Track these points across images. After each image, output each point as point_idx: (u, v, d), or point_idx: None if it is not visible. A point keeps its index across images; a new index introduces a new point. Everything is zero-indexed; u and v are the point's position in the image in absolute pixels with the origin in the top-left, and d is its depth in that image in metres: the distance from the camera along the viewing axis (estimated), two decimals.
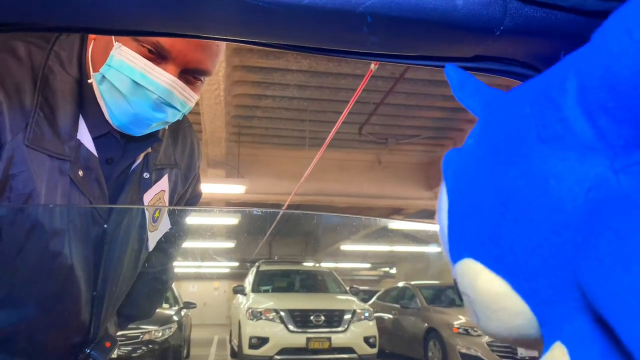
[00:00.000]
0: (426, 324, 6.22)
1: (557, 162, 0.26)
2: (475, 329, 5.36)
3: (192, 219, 1.15)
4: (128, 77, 0.74)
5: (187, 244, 1.12)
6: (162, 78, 0.74)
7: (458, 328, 5.52)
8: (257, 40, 0.45)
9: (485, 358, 5.35)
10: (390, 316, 7.25)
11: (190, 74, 0.77)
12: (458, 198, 0.32)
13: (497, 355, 5.19)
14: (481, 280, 0.30)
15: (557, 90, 0.26)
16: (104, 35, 0.74)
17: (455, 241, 0.33)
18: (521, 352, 5.19)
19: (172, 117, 0.80)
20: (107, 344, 0.87)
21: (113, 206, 0.84)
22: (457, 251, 0.32)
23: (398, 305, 7.18)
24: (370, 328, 5.82)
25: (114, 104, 0.77)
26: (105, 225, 0.83)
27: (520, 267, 0.28)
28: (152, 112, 0.76)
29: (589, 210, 0.24)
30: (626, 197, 0.22)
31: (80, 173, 0.78)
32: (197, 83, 0.80)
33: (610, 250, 0.21)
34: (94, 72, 0.77)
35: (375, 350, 5.77)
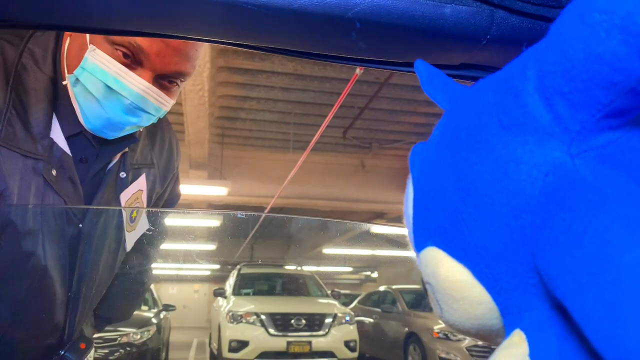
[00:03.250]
0: (407, 328, 6.25)
1: (516, 147, 0.26)
2: (455, 334, 5.40)
3: (173, 220, 1.14)
4: (101, 81, 0.72)
5: (167, 246, 1.10)
6: (136, 84, 0.73)
7: (438, 333, 5.56)
8: (243, 43, 0.44)
9: None
10: (371, 320, 7.26)
11: (166, 79, 0.76)
12: (422, 187, 0.33)
13: None
14: (443, 268, 0.31)
15: (518, 78, 0.26)
16: (83, 33, 0.72)
17: (419, 230, 0.33)
18: None
19: (146, 121, 0.79)
20: (82, 346, 0.86)
21: (90, 207, 0.82)
22: (421, 240, 0.33)
23: (379, 309, 7.20)
24: (351, 332, 5.82)
25: (87, 107, 0.75)
26: (81, 225, 0.81)
27: (480, 253, 0.28)
28: (125, 117, 0.75)
29: (546, 194, 0.24)
30: (581, 180, 0.23)
31: (54, 172, 0.76)
32: (174, 87, 0.79)
33: (564, 230, 0.22)
34: (68, 73, 0.76)
35: (355, 355, 5.77)
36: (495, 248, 0.27)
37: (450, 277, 0.30)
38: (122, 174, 0.86)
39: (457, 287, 0.30)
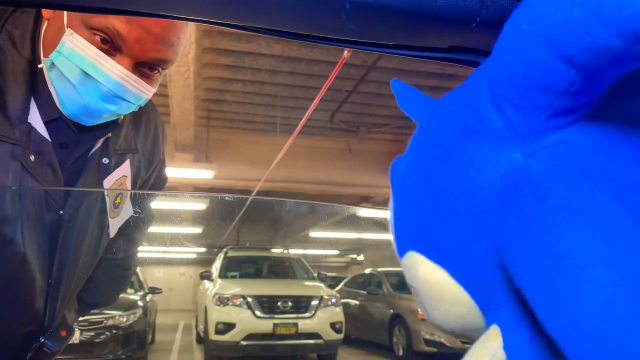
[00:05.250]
0: (392, 310, 6.34)
1: (475, 152, 0.28)
2: None
3: (159, 204, 1.13)
4: (78, 66, 0.70)
5: (153, 229, 1.09)
6: (114, 71, 0.70)
7: (430, 324, 5.65)
8: (230, 22, 0.43)
9: (448, 343, 5.50)
10: (357, 302, 7.35)
11: (147, 66, 0.73)
12: (399, 197, 0.35)
13: (460, 341, 5.35)
14: (422, 271, 0.32)
15: (474, 90, 0.29)
16: (61, 10, 0.70)
17: (399, 236, 0.35)
18: None
19: (125, 109, 0.76)
20: (63, 333, 0.84)
21: (72, 189, 0.81)
22: (402, 246, 0.35)
23: (365, 292, 7.29)
24: (336, 314, 5.89)
25: (63, 93, 0.73)
26: (61, 212, 0.80)
27: (453, 254, 0.30)
28: (102, 104, 0.73)
29: (503, 193, 0.26)
30: (533, 178, 0.24)
31: (32, 158, 0.74)
32: (155, 75, 0.76)
33: (517, 225, 0.24)
34: (44, 56, 0.73)
35: (341, 336, 5.85)
36: (464, 248, 0.29)
37: (429, 279, 0.32)
38: (105, 160, 0.84)
39: (436, 288, 0.32)
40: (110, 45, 0.69)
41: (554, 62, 0.22)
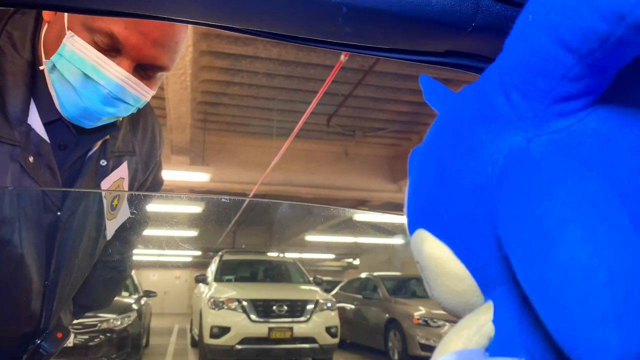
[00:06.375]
0: (387, 315, 6.33)
1: (482, 135, 0.30)
2: (434, 319, 5.50)
3: (154, 206, 1.12)
4: (79, 69, 0.70)
5: (148, 232, 1.09)
6: (114, 73, 0.71)
7: (418, 319, 5.65)
8: (227, 25, 0.44)
9: None
10: (353, 306, 7.33)
11: (147, 69, 0.74)
12: (414, 181, 0.37)
13: None
14: (426, 246, 0.34)
15: (487, 80, 0.31)
16: (60, 11, 0.70)
17: (411, 216, 0.37)
18: None
19: (125, 111, 0.77)
20: (59, 335, 0.84)
21: (70, 189, 0.81)
22: (413, 224, 0.37)
23: (360, 296, 7.27)
24: (332, 318, 5.87)
25: (63, 95, 0.73)
26: (59, 213, 0.79)
27: (456, 230, 0.32)
28: (102, 107, 0.73)
29: (504, 173, 0.28)
30: (533, 161, 0.26)
31: (31, 159, 0.74)
32: (154, 78, 0.76)
33: (515, 203, 0.25)
34: (45, 58, 0.73)
35: (336, 340, 5.83)
36: (467, 223, 0.31)
37: (432, 253, 0.34)
38: (103, 162, 0.84)
39: (438, 263, 0.34)
40: (111, 47, 0.70)
41: (553, 47, 0.24)
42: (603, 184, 0.23)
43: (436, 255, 0.33)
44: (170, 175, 6.29)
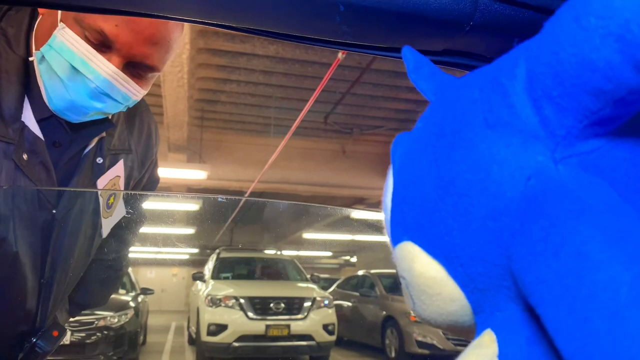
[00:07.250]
0: (384, 312, 6.34)
1: (500, 148, 0.25)
2: None
3: (151, 204, 1.12)
4: (67, 61, 0.69)
5: (145, 229, 1.09)
6: (103, 68, 0.70)
7: (415, 316, 5.66)
8: (224, 23, 0.43)
9: (440, 345, 5.51)
10: (350, 304, 7.35)
11: (139, 68, 0.73)
12: (402, 181, 0.32)
13: (452, 343, 5.36)
14: (418, 264, 0.30)
15: (507, 76, 0.26)
16: (55, 9, 0.69)
17: (396, 223, 0.33)
18: None
19: (113, 108, 0.76)
20: (55, 333, 0.84)
21: (66, 189, 0.80)
22: (398, 234, 0.32)
23: (357, 294, 7.29)
24: (329, 316, 5.88)
25: (51, 87, 0.72)
26: (54, 211, 0.79)
27: (456, 252, 0.28)
28: (89, 101, 0.72)
29: (527, 198, 0.24)
30: (563, 187, 0.22)
31: (25, 157, 0.73)
32: (146, 77, 0.76)
33: (542, 237, 0.21)
34: (35, 50, 0.72)
35: (333, 338, 5.84)
36: (472, 248, 0.27)
37: (425, 273, 0.30)
38: (99, 160, 0.84)
39: (431, 283, 0.30)
40: (101, 43, 0.69)
41: (622, 67, 0.20)
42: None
43: (429, 275, 0.30)
44: (167, 172, 6.28)
